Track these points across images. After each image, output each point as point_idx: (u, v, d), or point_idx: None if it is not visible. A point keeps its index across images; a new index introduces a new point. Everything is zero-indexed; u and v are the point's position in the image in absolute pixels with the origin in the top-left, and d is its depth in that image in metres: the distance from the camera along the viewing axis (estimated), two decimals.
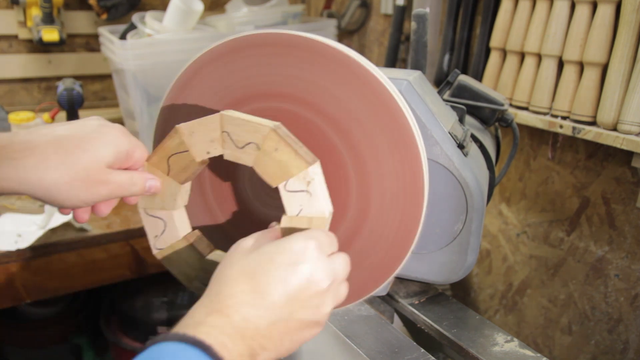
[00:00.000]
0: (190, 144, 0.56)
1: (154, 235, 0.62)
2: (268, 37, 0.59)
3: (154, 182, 0.58)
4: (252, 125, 0.53)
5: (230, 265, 0.48)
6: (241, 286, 0.46)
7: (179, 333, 0.42)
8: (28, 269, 1.21)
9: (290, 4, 1.82)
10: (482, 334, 0.76)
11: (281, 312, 0.46)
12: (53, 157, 0.49)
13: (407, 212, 0.59)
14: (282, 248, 0.48)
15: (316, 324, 0.49)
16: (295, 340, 0.48)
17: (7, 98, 1.87)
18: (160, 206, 0.60)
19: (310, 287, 0.47)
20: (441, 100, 0.77)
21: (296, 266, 0.47)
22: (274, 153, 0.53)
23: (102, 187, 0.52)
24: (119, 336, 1.65)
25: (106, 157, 0.51)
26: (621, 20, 1.05)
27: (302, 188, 0.53)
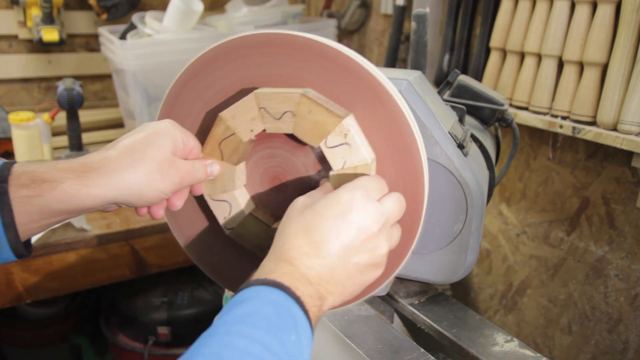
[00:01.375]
0: (234, 126, 0.60)
1: (223, 217, 0.66)
2: (267, 37, 0.59)
3: (214, 165, 0.63)
4: (284, 95, 0.57)
5: (289, 222, 0.53)
6: (300, 240, 0.51)
7: (259, 278, 0.48)
8: (28, 269, 1.21)
9: (290, 4, 1.82)
10: (482, 334, 0.76)
11: (338, 259, 0.51)
12: (127, 161, 0.55)
13: (407, 212, 0.59)
14: (331, 201, 0.53)
15: (375, 266, 0.54)
16: (357, 283, 0.53)
17: (7, 98, 1.87)
18: (222, 190, 0.64)
19: (361, 234, 0.52)
20: (441, 100, 0.77)
21: (345, 216, 0.51)
22: (309, 115, 0.56)
23: (174, 172, 0.57)
24: (119, 336, 1.65)
25: (167, 146, 0.57)
26: (621, 20, 1.05)
27: (341, 141, 0.57)
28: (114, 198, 0.54)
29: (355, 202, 0.52)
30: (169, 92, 0.66)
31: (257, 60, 0.60)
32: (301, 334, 0.46)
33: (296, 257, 0.50)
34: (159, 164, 0.56)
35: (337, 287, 0.51)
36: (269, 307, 0.45)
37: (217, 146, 0.62)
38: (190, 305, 1.60)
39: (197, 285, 1.67)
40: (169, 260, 1.39)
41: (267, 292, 0.46)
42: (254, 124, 0.59)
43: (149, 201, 0.57)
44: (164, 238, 1.35)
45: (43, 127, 1.43)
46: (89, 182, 0.53)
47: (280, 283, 0.47)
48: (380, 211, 0.54)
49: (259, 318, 0.44)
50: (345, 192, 0.53)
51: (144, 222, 1.34)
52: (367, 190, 0.54)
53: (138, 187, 0.55)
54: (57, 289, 1.26)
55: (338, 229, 0.51)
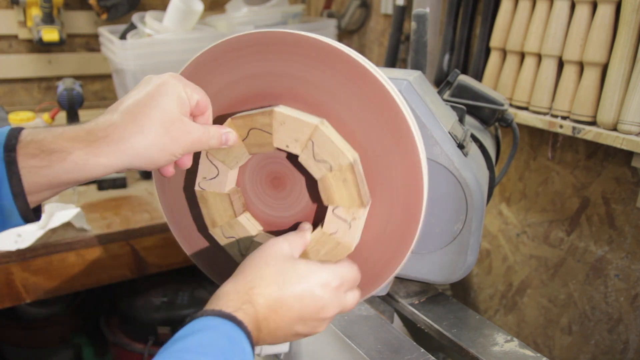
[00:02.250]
0: (276, 130, 0.59)
1: (203, 176, 0.65)
2: (267, 36, 0.59)
3: (230, 134, 0.61)
4: (336, 150, 0.58)
5: (266, 265, 0.56)
6: (270, 290, 0.54)
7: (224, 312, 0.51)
8: (28, 269, 1.21)
9: (290, 4, 1.82)
10: (482, 334, 0.76)
11: (287, 323, 0.55)
12: (134, 126, 0.53)
13: (407, 212, 0.59)
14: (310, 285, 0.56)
15: (304, 336, 0.59)
16: (285, 339, 0.58)
17: (7, 98, 1.87)
18: (222, 159, 0.64)
19: (318, 315, 0.56)
20: (441, 100, 0.77)
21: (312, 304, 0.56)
22: (341, 182, 0.58)
23: (185, 136, 0.56)
24: (119, 336, 1.65)
25: (172, 105, 0.55)
26: (621, 20, 1.05)
27: (347, 219, 0.59)
28: (123, 165, 0.54)
29: (326, 295, 0.56)
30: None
31: (257, 57, 0.60)
32: None
33: (260, 304, 0.53)
34: (167, 128, 0.54)
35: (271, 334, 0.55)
36: (224, 340, 0.49)
37: (248, 128, 0.61)
38: (190, 305, 1.60)
39: (197, 285, 1.66)
40: (169, 260, 1.39)
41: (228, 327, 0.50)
42: (293, 145, 0.59)
43: (160, 164, 0.56)
44: (164, 238, 1.35)
45: (43, 127, 1.43)
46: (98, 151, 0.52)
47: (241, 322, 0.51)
48: (344, 304, 0.58)
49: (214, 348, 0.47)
50: (327, 287, 0.56)
51: (144, 222, 1.34)
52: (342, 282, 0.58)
53: (148, 153, 0.54)
54: (57, 289, 1.26)
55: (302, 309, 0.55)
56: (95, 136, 0.53)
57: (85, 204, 1.40)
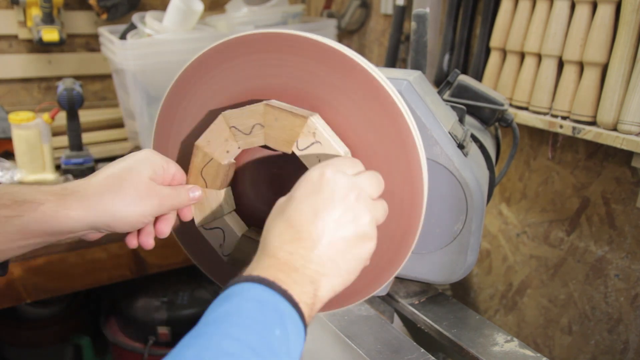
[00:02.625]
0: (211, 152, 0.62)
1: (219, 244, 0.67)
2: (267, 36, 0.59)
3: (196, 190, 0.64)
4: (249, 110, 0.59)
5: (269, 220, 0.53)
6: (279, 229, 0.50)
7: (243, 275, 0.47)
8: (28, 269, 1.21)
9: (290, 4, 1.82)
10: (482, 334, 0.76)
11: (321, 236, 0.49)
12: (106, 186, 0.57)
13: (407, 212, 0.59)
14: (303, 183, 0.52)
15: (363, 237, 0.52)
16: (351, 259, 0.51)
17: (7, 98, 1.87)
18: (213, 217, 0.65)
19: (338, 206, 0.50)
20: (441, 100, 0.77)
21: (318, 193, 0.51)
22: (276, 123, 0.58)
23: (153, 198, 0.59)
24: (119, 336, 1.65)
25: (145, 172, 0.59)
26: (621, 20, 1.05)
27: (311, 141, 0.57)
28: (92, 222, 0.56)
29: (325, 177, 0.51)
30: (168, 91, 0.66)
31: (254, 58, 0.60)
32: (288, 328, 0.44)
33: (277, 247, 0.49)
34: (136, 189, 0.57)
35: (329, 266, 0.50)
36: (250, 304, 0.44)
37: (200, 175, 0.63)
38: (190, 305, 1.60)
39: (197, 285, 1.67)
40: (169, 260, 1.39)
41: (249, 288, 0.46)
42: (228, 145, 0.61)
43: (129, 225, 0.59)
44: (164, 238, 1.35)
45: (43, 127, 1.43)
46: (68, 204, 0.55)
47: (261, 277, 0.46)
48: (353, 182, 0.52)
49: (241, 316, 0.43)
50: (314, 171, 0.53)
51: None
52: (337, 166, 0.53)
53: (116, 210, 0.56)
54: (57, 289, 1.26)
55: (314, 206, 0.50)
56: (68, 191, 0.55)
57: None
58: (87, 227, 0.56)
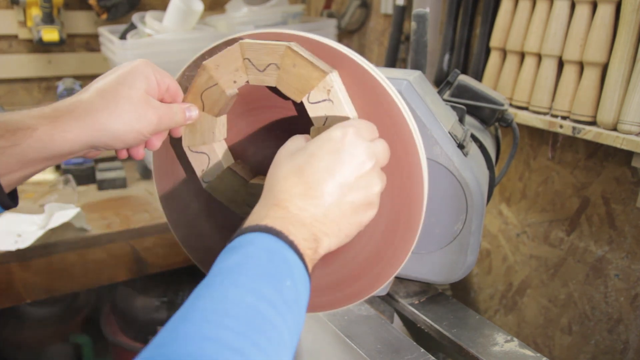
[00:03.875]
0: (217, 77, 0.59)
1: (201, 169, 0.65)
2: (267, 36, 0.59)
3: (193, 110, 0.61)
4: (270, 47, 0.56)
5: (279, 166, 0.52)
6: (291, 181, 0.50)
7: (251, 225, 0.47)
8: (28, 269, 1.21)
9: (290, 4, 1.82)
10: (482, 334, 0.76)
11: (332, 198, 0.50)
12: (100, 102, 0.53)
13: (407, 212, 0.59)
14: (323, 140, 0.51)
15: (369, 205, 0.53)
16: (352, 223, 0.52)
17: (7, 98, 1.87)
18: (202, 141, 0.63)
19: (355, 171, 0.51)
20: (441, 100, 0.76)
21: (338, 153, 0.50)
22: (293, 69, 0.55)
23: (150, 113, 0.56)
24: (119, 336, 1.65)
25: (140, 85, 0.56)
26: (621, 20, 1.05)
27: (324, 97, 0.55)
28: (90, 141, 0.54)
29: (347, 138, 0.51)
30: None
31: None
32: (297, 279, 0.45)
33: (288, 200, 0.49)
34: (133, 104, 0.55)
35: (332, 227, 0.50)
36: (261, 254, 0.44)
37: (199, 96, 0.61)
38: None
39: (197, 285, 1.66)
40: (169, 260, 1.39)
41: (259, 238, 0.45)
42: (237, 75, 0.58)
43: (127, 143, 0.56)
44: (164, 238, 1.35)
45: None
46: (64, 126, 0.52)
47: (272, 228, 0.46)
48: (372, 149, 0.53)
49: (251, 266, 0.43)
50: (337, 130, 0.52)
51: (144, 222, 1.34)
52: (358, 129, 0.53)
53: (114, 128, 0.54)
54: (57, 289, 1.26)
55: (331, 166, 0.50)
56: (61, 112, 0.53)
57: (85, 204, 1.40)
58: (85, 146, 0.54)
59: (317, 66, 0.55)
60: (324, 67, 0.56)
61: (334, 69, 0.56)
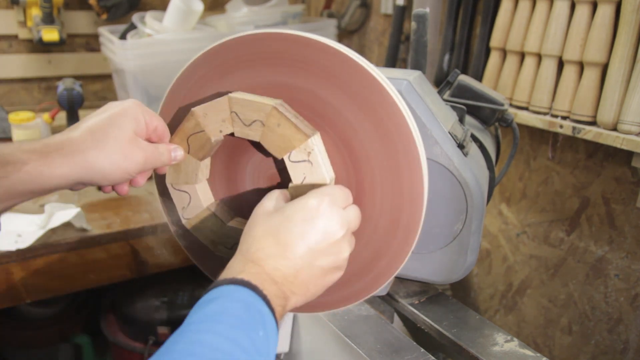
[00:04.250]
0: (204, 124, 0.62)
1: (182, 207, 0.68)
2: (267, 36, 0.59)
3: (178, 151, 0.64)
4: (256, 104, 0.59)
5: (255, 225, 0.55)
6: (267, 242, 0.53)
7: (227, 278, 0.50)
8: (28, 269, 1.21)
9: (290, 4, 1.82)
10: (482, 334, 0.76)
11: (303, 261, 0.53)
12: (90, 141, 0.55)
13: (407, 212, 0.59)
14: (300, 206, 0.55)
15: (336, 269, 0.57)
16: (320, 285, 0.56)
17: (7, 98, 1.87)
18: (184, 181, 0.66)
19: (327, 238, 0.54)
20: (441, 100, 0.76)
21: (312, 220, 0.54)
22: (277, 128, 0.58)
23: (137, 153, 0.58)
24: (119, 336, 1.65)
25: (129, 126, 0.58)
26: (621, 20, 1.05)
27: (304, 158, 0.58)
28: (78, 178, 0.55)
29: (322, 207, 0.54)
30: (169, 91, 0.66)
31: (249, 58, 0.61)
32: (268, 331, 0.48)
33: (263, 259, 0.52)
34: (121, 144, 0.56)
35: (301, 288, 0.53)
36: (238, 305, 0.47)
37: (185, 139, 0.63)
38: (190, 305, 1.59)
39: (197, 285, 1.66)
40: (169, 260, 1.39)
41: (236, 290, 0.48)
42: (224, 126, 0.61)
43: (113, 180, 0.58)
44: (164, 238, 1.35)
45: (43, 127, 1.43)
46: (52, 162, 0.54)
47: (249, 282, 0.49)
48: (345, 217, 0.56)
49: (228, 315, 0.46)
50: (313, 198, 0.55)
51: (144, 222, 1.34)
52: (334, 198, 0.56)
53: (101, 167, 0.56)
54: (57, 289, 1.26)
55: (305, 232, 0.53)
56: (51, 148, 0.55)
57: (85, 204, 1.40)
58: (71, 182, 0.56)
59: (300, 129, 0.58)
60: (307, 130, 0.58)
61: (316, 132, 0.59)
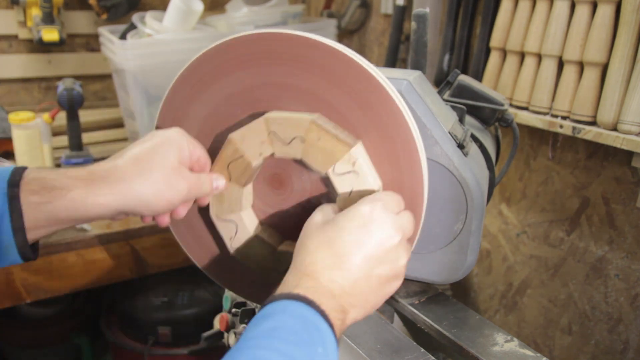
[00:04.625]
0: (243, 150, 0.61)
1: (229, 237, 0.66)
2: (267, 36, 0.59)
3: (220, 180, 0.63)
4: (294, 120, 0.58)
5: (308, 238, 0.54)
6: (322, 254, 0.51)
7: (284, 292, 0.48)
8: (28, 269, 1.21)
9: (290, 4, 1.82)
10: (482, 334, 0.76)
11: (360, 271, 0.51)
12: (134, 170, 0.55)
13: None
14: (352, 214, 0.53)
15: (395, 277, 0.55)
16: (379, 295, 0.54)
17: (7, 98, 1.87)
18: (229, 210, 0.65)
19: (383, 244, 0.53)
20: (441, 100, 0.76)
21: (366, 227, 0.52)
22: (318, 142, 0.57)
23: (181, 182, 0.57)
24: (119, 336, 1.65)
25: (174, 155, 0.57)
26: (621, 20, 1.05)
27: (349, 169, 0.57)
28: (121, 207, 0.55)
29: (375, 213, 0.53)
30: (169, 91, 0.66)
31: (248, 60, 0.60)
32: (328, 347, 0.46)
33: (318, 271, 0.50)
34: (166, 174, 0.56)
35: (360, 299, 0.52)
36: (295, 321, 0.46)
37: (226, 167, 0.62)
38: (190, 305, 1.60)
39: (197, 285, 1.66)
40: (169, 260, 1.39)
41: (293, 306, 0.47)
42: (263, 148, 0.60)
43: (156, 211, 0.57)
44: (164, 238, 1.35)
45: (43, 127, 1.43)
46: (97, 190, 0.53)
47: (305, 297, 0.48)
48: (399, 223, 0.54)
49: (286, 332, 0.45)
50: (365, 205, 0.54)
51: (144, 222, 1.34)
52: (385, 203, 0.54)
53: (146, 197, 0.55)
54: (57, 289, 1.26)
55: (360, 240, 0.52)
56: (96, 176, 0.54)
57: None
58: (114, 212, 0.55)
59: (342, 140, 0.56)
60: (349, 139, 0.57)
61: (358, 140, 0.58)
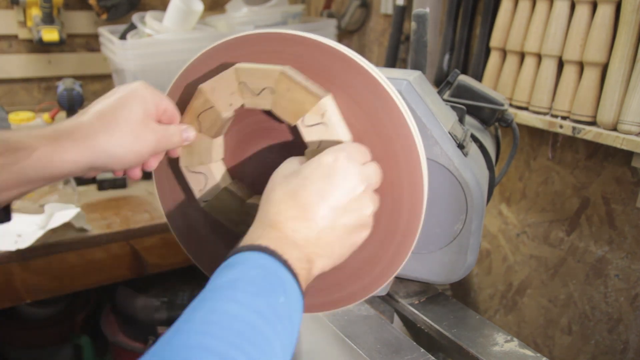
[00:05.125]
0: (214, 100, 0.60)
1: (199, 189, 0.65)
2: (267, 36, 0.59)
3: (189, 131, 0.62)
4: (264, 71, 0.57)
5: (273, 189, 0.53)
6: (285, 204, 0.51)
7: (246, 244, 0.48)
8: (28, 269, 1.21)
9: (290, 4, 1.82)
10: (482, 334, 0.76)
11: (324, 220, 0.51)
12: (100, 125, 0.55)
13: (407, 212, 0.59)
14: (316, 164, 0.53)
15: (362, 227, 0.55)
16: (346, 245, 0.54)
17: (7, 98, 1.87)
18: (199, 162, 0.64)
19: (347, 194, 0.52)
20: (441, 100, 0.76)
21: (330, 177, 0.52)
22: (287, 93, 0.57)
23: (148, 135, 0.57)
24: (119, 336, 1.65)
25: (138, 108, 0.56)
26: (621, 20, 1.05)
27: (318, 121, 0.57)
28: (90, 163, 0.55)
29: (339, 163, 0.52)
30: (168, 91, 0.66)
31: (250, 57, 0.61)
32: (290, 296, 0.46)
33: (282, 222, 0.50)
34: (131, 127, 0.56)
35: (326, 249, 0.52)
36: (257, 271, 0.46)
37: (196, 118, 0.62)
38: None
39: (197, 285, 1.66)
40: (169, 260, 1.39)
41: (254, 256, 0.47)
42: (233, 98, 0.59)
43: (125, 164, 0.57)
44: (164, 238, 1.35)
45: (43, 127, 1.43)
46: (63, 148, 0.53)
47: (267, 247, 0.48)
48: (364, 173, 0.54)
49: (247, 282, 0.45)
50: (329, 155, 0.53)
51: (144, 222, 1.34)
52: (350, 153, 0.54)
53: (113, 151, 0.55)
54: (57, 289, 1.26)
55: (323, 190, 0.51)
56: (60, 133, 0.54)
57: (85, 204, 1.40)
58: (83, 168, 0.55)
59: (311, 91, 0.56)
60: (318, 91, 0.57)
61: (328, 92, 0.57)
